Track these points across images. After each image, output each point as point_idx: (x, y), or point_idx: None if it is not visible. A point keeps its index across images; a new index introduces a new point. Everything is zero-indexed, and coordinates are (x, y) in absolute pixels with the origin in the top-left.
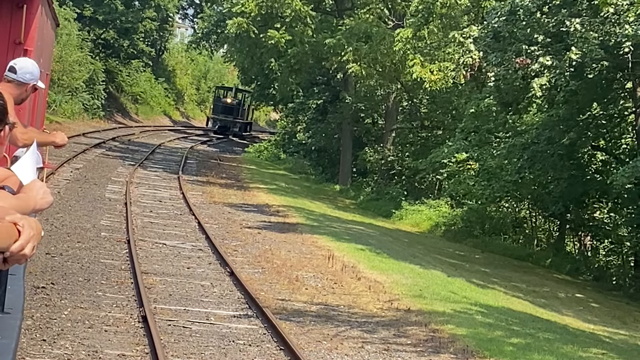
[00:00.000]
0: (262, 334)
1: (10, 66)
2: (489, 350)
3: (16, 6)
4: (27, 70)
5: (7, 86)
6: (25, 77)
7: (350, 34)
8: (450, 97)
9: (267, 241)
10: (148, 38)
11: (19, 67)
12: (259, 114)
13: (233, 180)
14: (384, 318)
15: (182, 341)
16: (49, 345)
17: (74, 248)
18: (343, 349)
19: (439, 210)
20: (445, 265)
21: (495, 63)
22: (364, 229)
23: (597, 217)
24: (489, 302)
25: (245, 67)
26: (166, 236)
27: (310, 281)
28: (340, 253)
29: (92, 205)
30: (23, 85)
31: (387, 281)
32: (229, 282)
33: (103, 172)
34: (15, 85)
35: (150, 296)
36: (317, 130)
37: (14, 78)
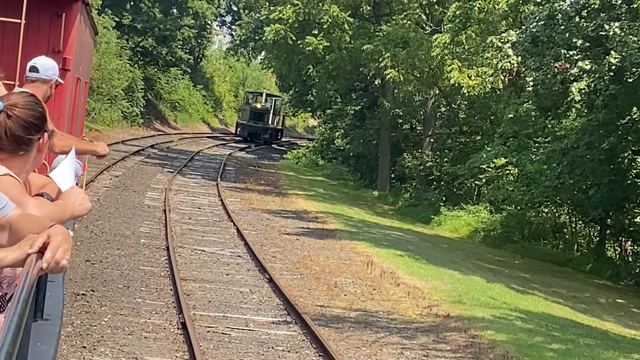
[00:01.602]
0: (301, 341)
1: (31, 66)
2: (529, 356)
3: (55, 15)
4: (48, 67)
5: (32, 87)
6: (47, 74)
7: (388, 40)
8: (488, 102)
9: (305, 247)
10: (186, 45)
11: (39, 65)
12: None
13: (271, 186)
14: (423, 324)
15: (221, 348)
16: (89, 352)
17: (113, 255)
18: (382, 355)
19: (478, 215)
20: (485, 270)
21: (534, 68)
22: (402, 234)
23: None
24: (529, 308)
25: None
26: (205, 243)
27: (349, 287)
28: (379, 259)
29: (132, 213)
30: (47, 82)
31: (426, 287)
32: (267, 289)
33: (142, 179)
34: (40, 84)
35: (190, 303)
36: (356, 136)
37: (37, 77)
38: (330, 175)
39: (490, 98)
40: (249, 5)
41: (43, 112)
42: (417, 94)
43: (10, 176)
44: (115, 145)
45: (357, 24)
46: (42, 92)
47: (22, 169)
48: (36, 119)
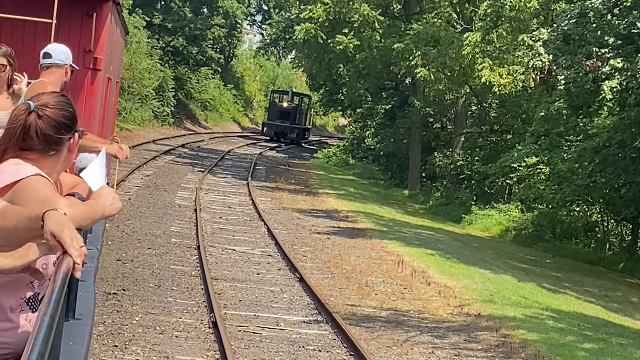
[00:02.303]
0: (332, 340)
1: (44, 52)
2: (561, 355)
3: (86, 15)
4: (61, 51)
5: (47, 73)
6: (61, 58)
7: (419, 39)
8: (519, 101)
9: (336, 246)
10: (217, 45)
11: (52, 50)
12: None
13: (302, 185)
14: (454, 323)
15: (252, 347)
16: (120, 351)
17: (144, 254)
18: (413, 354)
19: (509, 214)
20: (516, 270)
21: (565, 66)
22: (433, 233)
23: None
24: (561, 307)
25: (313, 73)
26: (236, 242)
27: (379, 286)
28: (410, 258)
29: (162, 212)
30: (61, 67)
31: (457, 286)
32: (298, 288)
33: (173, 178)
34: (55, 69)
35: (220, 302)
36: (386, 135)
37: (51, 62)
38: (360, 174)
39: (522, 96)
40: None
41: (74, 112)
42: (447, 93)
43: (41, 176)
44: (146, 145)
45: (388, 23)
46: (58, 78)
47: (53, 169)
48: (67, 119)
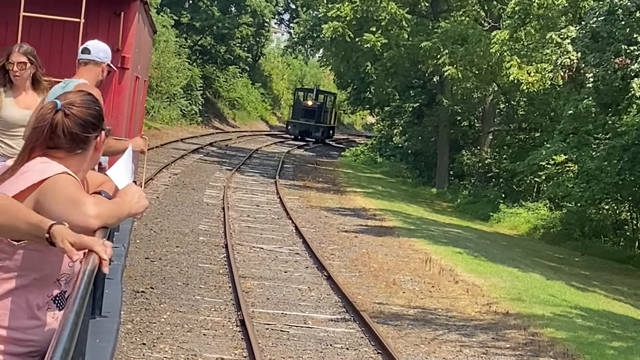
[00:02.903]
0: (359, 338)
1: (84, 48)
2: (590, 354)
3: (114, 14)
4: (100, 49)
5: (84, 70)
6: (99, 56)
7: (446, 37)
8: (548, 99)
9: (363, 245)
10: (244, 43)
11: (92, 46)
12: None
13: (330, 184)
14: (482, 321)
15: (279, 345)
16: (148, 348)
17: (172, 252)
18: (441, 352)
19: (538, 212)
20: (544, 268)
21: (594, 64)
22: (461, 232)
23: None
24: (589, 305)
25: (341, 71)
26: (263, 240)
27: (407, 284)
28: (438, 256)
29: (190, 210)
30: (98, 65)
31: (485, 284)
32: (326, 286)
33: (201, 177)
34: (92, 67)
35: (248, 300)
36: (414, 133)
37: (89, 58)
38: (388, 172)
39: (550, 94)
40: (307, 3)
41: (100, 111)
42: (475, 91)
43: (68, 174)
44: (174, 144)
45: (415, 21)
46: (95, 76)
47: (79, 167)
48: (93, 117)
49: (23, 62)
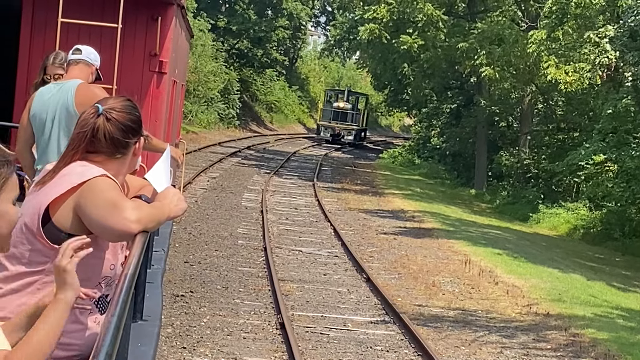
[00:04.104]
0: (399, 340)
1: (75, 48)
2: (632, 354)
3: (151, 18)
4: (90, 51)
5: (77, 69)
6: (90, 58)
7: (483, 37)
8: (586, 99)
9: (402, 247)
10: (281, 47)
11: (82, 47)
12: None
13: (368, 186)
14: (522, 323)
15: (319, 348)
16: (189, 352)
17: (211, 256)
18: (482, 354)
19: (577, 213)
20: (585, 268)
21: (633, 62)
22: (500, 233)
23: None
24: (631, 306)
25: (377, 73)
26: (302, 243)
27: (447, 286)
28: (477, 258)
29: (229, 214)
30: (89, 67)
31: (525, 285)
32: (365, 288)
33: (239, 180)
34: (83, 67)
35: (288, 303)
36: (452, 134)
37: (80, 58)
38: (426, 174)
39: (588, 94)
40: (343, 5)
41: (139, 116)
42: (513, 91)
43: (108, 177)
44: (212, 147)
45: (452, 22)
46: (86, 76)
47: (118, 171)
48: (133, 123)
49: (60, 74)
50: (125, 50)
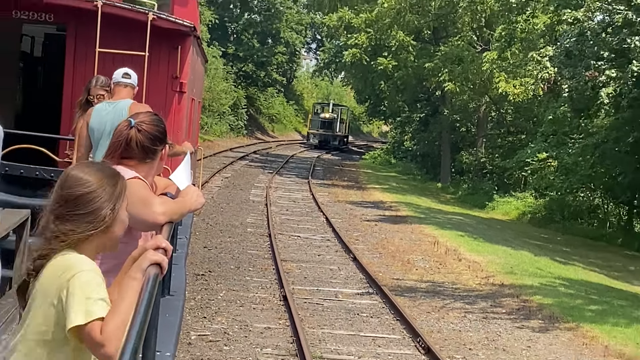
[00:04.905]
0: (381, 308)
1: (124, 73)
2: (572, 316)
3: (172, 47)
4: (135, 75)
5: (125, 91)
6: (135, 82)
7: (446, 58)
8: (531, 107)
9: (382, 231)
10: (280, 69)
11: (130, 72)
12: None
13: (353, 182)
14: (481, 292)
15: (315, 315)
16: (208, 321)
17: (225, 242)
18: (449, 318)
19: (525, 201)
20: (532, 246)
21: (568, 77)
22: (462, 218)
23: None
24: (570, 276)
25: (359, 89)
26: (300, 230)
27: (419, 263)
28: (444, 239)
29: (239, 207)
30: (134, 88)
31: (484, 261)
32: (352, 266)
33: (247, 179)
34: (130, 90)
35: (289, 279)
36: (421, 138)
37: (130, 82)
38: (401, 171)
39: (532, 103)
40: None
41: (165, 128)
42: (470, 102)
43: (140, 179)
44: (224, 153)
45: (420, 46)
46: (132, 96)
47: (148, 173)
48: (160, 133)
49: (101, 94)
50: (152, 74)
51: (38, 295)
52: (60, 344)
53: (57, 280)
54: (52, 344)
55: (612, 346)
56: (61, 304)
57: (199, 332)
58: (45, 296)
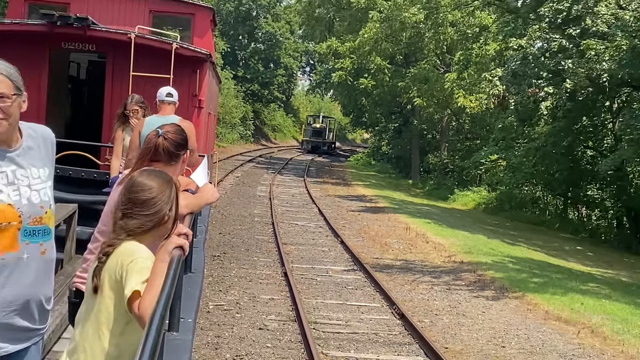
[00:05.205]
0: (364, 282)
1: (168, 92)
2: (518, 287)
3: (192, 71)
4: (176, 95)
5: (169, 109)
6: (176, 99)
7: (415, 79)
8: (484, 118)
9: (364, 220)
10: (280, 88)
11: (173, 92)
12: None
13: (340, 179)
14: (445, 268)
15: (311, 288)
16: (223, 293)
17: (237, 229)
18: (419, 290)
19: (480, 194)
20: (486, 231)
21: (514, 93)
22: (429, 209)
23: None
24: (517, 255)
25: (345, 104)
26: (297, 219)
27: (394, 245)
28: (414, 225)
29: (248, 201)
30: (175, 105)
31: (447, 243)
32: (340, 248)
33: (254, 178)
34: (173, 107)
35: (289, 259)
36: (395, 144)
37: (172, 101)
38: (379, 170)
39: (485, 114)
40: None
41: (186, 136)
42: (435, 114)
43: None
44: (236, 157)
45: (394, 69)
46: (175, 111)
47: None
48: (182, 140)
49: (135, 109)
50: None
51: (106, 276)
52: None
53: (120, 264)
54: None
55: (551, 311)
56: (121, 283)
57: (216, 303)
58: (111, 277)
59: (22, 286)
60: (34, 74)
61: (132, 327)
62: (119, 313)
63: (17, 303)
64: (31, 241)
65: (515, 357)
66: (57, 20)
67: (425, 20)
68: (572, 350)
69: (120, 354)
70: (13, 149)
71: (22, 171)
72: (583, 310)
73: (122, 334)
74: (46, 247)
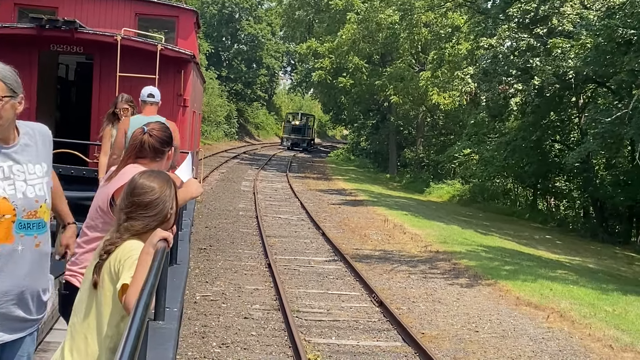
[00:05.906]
0: (344, 272)
1: (150, 93)
2: (491, 274)
3: (177, 71)
4: (158, 94)
5: (151, 108)
6: (158, 99)
7: (391, 77)
8: (457, 114)
9: (344, 212)
10: (263, 87)
11: (155, 92)
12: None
13: (321, 174)
14: (422, 257)
15: (294, 278)
16: (210, 284)
17: (222, 223)
18: (396, 278)
19: (454, 186)
20: (460, 221)
21: (485, 90)
22: (406, 201)
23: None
24: (489, 244)
25: (325, 102)
26: (280, 212)
27: (373, 236)
28: (392, 217)
29: (233, 195)
30: (158, 105)
31: (423, 233)
32: (321, 240)
33: (238, 173)
34: (155, 107)
35: (272, 251)
36: (373, 139)
37: (154, 101)
38: (358, 165)
39: (458, 111)
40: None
41: (170, 134)
42: (411, 111)
43: None
44: (221, 153)
45: (371, 68)
46: (155, 113)
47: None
48: (167, 138)
49: (126, 108)
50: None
51: (106, 272)
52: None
53: (118, 260)
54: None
55: (522, 297)
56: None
57: (202, 294)
58: (110, 273)
59: (16, 277)
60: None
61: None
62: (116, 306)
63: (13, 293)
64: (26, 234)
65: (488, 341)
66: (46, 24)
67: (400, 22)
68: (542, 334)
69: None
70: (10, 145)
71: (19, 167)
72: (552, 295)
73: (118, 325)
74: (40, 240)
